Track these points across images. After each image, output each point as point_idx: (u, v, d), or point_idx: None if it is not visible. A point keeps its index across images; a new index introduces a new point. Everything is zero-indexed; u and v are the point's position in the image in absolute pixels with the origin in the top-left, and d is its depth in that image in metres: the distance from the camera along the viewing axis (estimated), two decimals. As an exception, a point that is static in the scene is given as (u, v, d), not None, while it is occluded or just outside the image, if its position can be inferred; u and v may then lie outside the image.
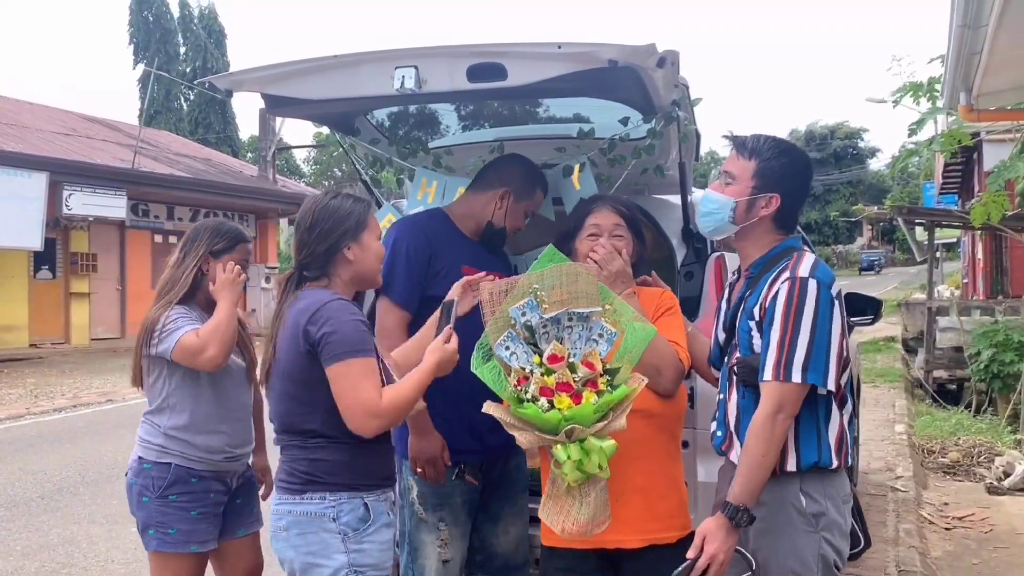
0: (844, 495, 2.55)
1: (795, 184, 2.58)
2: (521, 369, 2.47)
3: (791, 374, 2.36)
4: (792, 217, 2.62)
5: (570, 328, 2.49)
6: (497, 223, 3.31)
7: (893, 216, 15.54)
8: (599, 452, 2.42)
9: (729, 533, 2.36)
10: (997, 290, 17.87)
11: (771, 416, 2.37)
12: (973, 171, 20.48)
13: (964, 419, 9.90)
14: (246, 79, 3.26)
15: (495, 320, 2.54)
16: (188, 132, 36.61)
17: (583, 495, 2.49)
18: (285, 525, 2.56)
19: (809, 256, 2.51)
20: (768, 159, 2.55)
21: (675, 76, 3.02)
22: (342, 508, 2.53)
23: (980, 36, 4.65)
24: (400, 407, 2.50)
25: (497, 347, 2.50)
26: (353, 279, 2.67)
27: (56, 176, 17.83)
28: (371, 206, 2.72)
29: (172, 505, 3.25)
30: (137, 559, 5.60)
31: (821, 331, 2.38)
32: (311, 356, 2.49)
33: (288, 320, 2.56)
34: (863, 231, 65.77)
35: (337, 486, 2.54)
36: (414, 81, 2.91)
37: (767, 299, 2.45)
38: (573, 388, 2.43)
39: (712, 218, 2.61)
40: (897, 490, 6.91)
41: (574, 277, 2.54)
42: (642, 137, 3.46)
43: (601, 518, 2.51)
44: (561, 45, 2.76)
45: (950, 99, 6.02)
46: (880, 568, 5.14)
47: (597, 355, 2.48)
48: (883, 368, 14.42)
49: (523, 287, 2.53)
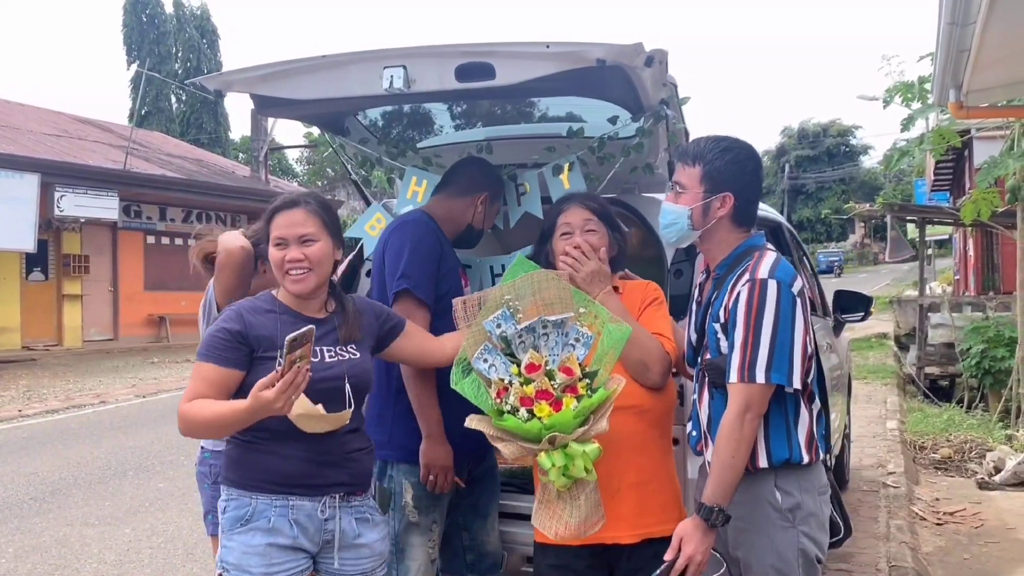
0: (820, 486, 2.57)
1: (744, 179, 2.60)
2: (500, 380, 2.49)
3: (755, 375, 2.39)
4: (749, 212, 2.64)
5: (546, 335, 2.51)
6: (476, 226, 3.37)
7: (885, 213, 15.59)
8: (583, 456, 2.44)
9: (705, 534, 2.39)
10: (988, 286, 17.94)
11: (739, 416, 2.40)
12: (964, 168, 20.55)
13: (956, 415, 9.95)
14: (235, 79, 3.26)
15: (471, 333, 2.56)
16: (180, 133, 36.53)
17: (573, 499, 2.52)
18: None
19: (770, 255, 2.53)
20: (712, 160, 2.58)
21: (663, 75, 3.03)
22: (229, 503, 2.56)
23: (968, 33, 4.67)
24: (188, 419, 2.44)
25: (475, 360, 2.52)
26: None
27: (48, 177, 17.77)
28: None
29: None
30: (129, 560, 5.60)
31: (783, 331, 2.40)
32: None
33: None
34: (855, 228, 65.86)
35: (228, 480, 2.58)
36: (403, 81, 2.92)
37: (729, 302, 2.48)
38: (553, 395, 2.45)
39: (673, 228, 2.64)
40: (889, 486, 6.93)
41: (546, 284, 2.56)
42: (631, 136, 3.46)
43: (594, 519, 2.53)
44: (549, 44, 2.76)
45: (940, 96, 6.04)
46: (871, 564, 5.16)
47: (575, 360, 2.50)
48: (875, 365, 14.46)
49: (496, 299, 2.56)
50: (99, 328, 20.77)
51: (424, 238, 3.14)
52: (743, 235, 2.63)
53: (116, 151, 21.61)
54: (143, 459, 8.30)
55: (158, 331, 21.56)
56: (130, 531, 6.12)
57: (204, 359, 2.48)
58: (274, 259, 2.57)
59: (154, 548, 5.87)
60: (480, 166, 3.48)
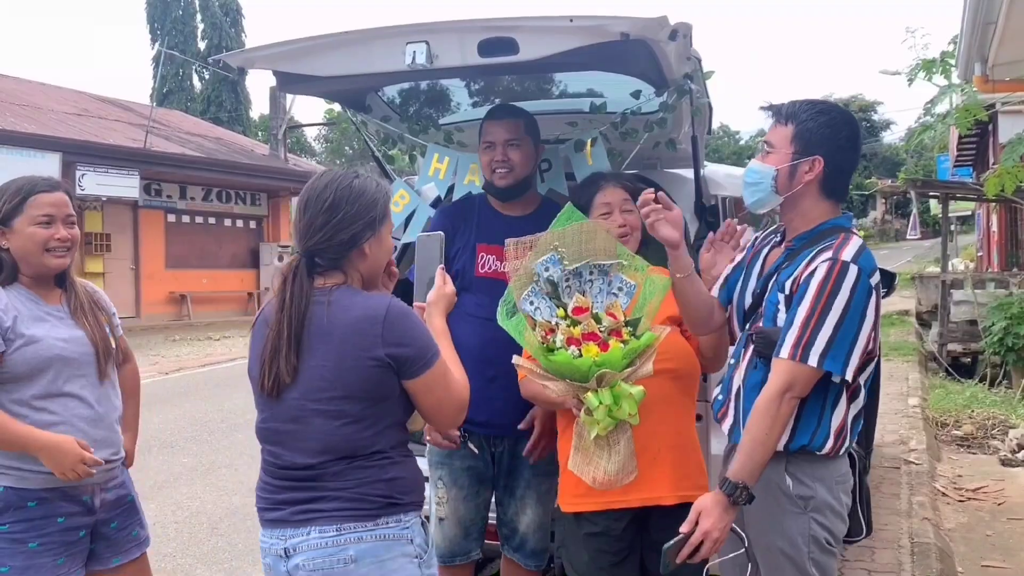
0: (838, 476, 2.48)
1: (837, 144, 2.45)
2: (547, 322, 2.52)
3: (808, 357, 2.30)
4: (840, 183, 2.50)
5: (591, 281, 2.55)
6: (488, 179, 3.35)
7: (907, 189, 15.44)
8: (629, 398, 2.46)
9: (726, 510, 2.31)
10: (1012, 262, 17.76)
11: (779, 394, 2.32)
12: (988, 143, 20.28)
13: (978, 392, 9.89)
14: (257, 57, 3.27)
15: (518, 276, 2.58)
16: (200, 112, 36.56)
17: (611, 445, 2.53)
18: (353, 556, 2.21)
19: (856, 240, 2.41)
20: (805, 121, 2.45)
21: (687, 49, 3.01)
22: (414, 529, 2.28)
23: (996, 5, 4.62)
24: (467, 380, 2.37)
25: (522, 302, 2.55)
26: (365, 275, 2.33)
27: (69, 156, 17.85)
28: (390, 193, 2.61)
29: (3, 537, 2.63)
30: (155, 534, 5.63)
31: (851, 319, 2.30)
32: (389, 371, 2.21)
33: (342, 329, 2.21)
34: (876, 205, 65.32)
35: (410, 505, 2.29)
36: (425, 56, 2.91)
37: (803, 275, 2.37)
38: (600, 337, 2.47)
39: (755, 189, 2.52)
40: (911, 463, 6.92)
41: (592, 234, 2.58)
42: (654, 111, 3.44)
43: (629, 468, 2.55)
44: (573, 19, 2.75)
45: (965, 70, 5.99)
46: (894, 540, 5.15)
47: (619, 307, 2.53)
48: (897, 342, 14.37)
49: (545, 243, 2.57)
50: (121, 306, 20.67)
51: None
52: (830, 210, 2.50)
53: (136, 130, 21.67)
54: (167, 435, 8.35)
55: (180, 309, 21.69)
56: (155, 506, 6.19)
57: (439, 350, 2.34)
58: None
59: (179, 522, 5.94)
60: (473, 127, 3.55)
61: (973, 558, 5.08)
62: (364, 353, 2.18)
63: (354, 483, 2.23)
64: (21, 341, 2.65)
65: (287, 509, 2.26)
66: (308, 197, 2.29)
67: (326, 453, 2.23)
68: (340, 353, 2.20)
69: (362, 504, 2.22)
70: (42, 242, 2.71)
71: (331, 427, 2.22)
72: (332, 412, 2.22)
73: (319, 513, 2.22)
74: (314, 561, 2.20)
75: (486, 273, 3.28)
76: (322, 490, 2.23)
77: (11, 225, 2.71)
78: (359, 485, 2.23)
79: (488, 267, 3.29)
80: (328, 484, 2.24)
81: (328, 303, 2.23)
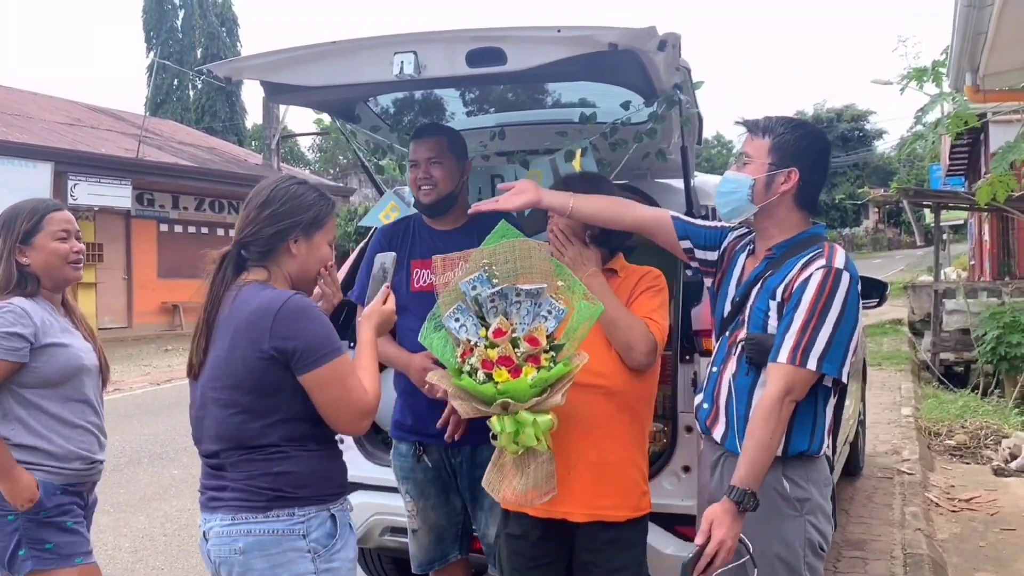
0: (825, 479, 2.57)
1: (811, 158, 2.57)
2: (467, 341, 2.53)
3: (807, 360, 2.38)
4: (812, 195, 2.61)
5: (518, 303, 2.53)
6: (416, 196, 3.40)
7: (899, 198, 15.47)
8: (533, 425, 2.47)
9: (735, 518, 2.35)
10: (1004, 272, 17.78)
11: (780, 398, 2.38)
12: (980, 153, 20.36)
13: (971, 401, 9.88)
14: (245, 66, 3.25)
15: (447, 292, 2.60)
16: (194, 121, 36.55)
17: (524, 466, 2.56)
18: (243, 547, 2.27)
19: (840, 248, 2.53)
20: (783, 134, 2.56)
21: (676, 59, 3.00)
22: (311, 523, 2.31)
23: (985, 16, 4.64)
24: (379, 393, 2.39)
25: (447, 319, 2.56)
26: (293, 276, 2.43)
27: (61, 166, 17.82)
28: (333, 208, 2.59)
29: (44, 521, 2.85)
30: (144, 547, 5.64)
31: (846, 324, 2.40)
32: (276, 364, 2.26)
33: (238, 320, 2.30)
34: (869, 214, 65.49)
35: (306, 500, 2.31)
36: (413, 67, 2.89)
37: (796, 282, 2.45)
38: (514, 363, 2.48)
39: (731, 198, 2.61)
40: (903, 473, 6.90)
41: (527, 252, 2.57)
42: (644, 121, 3.44)
43: (544, 489, 2.57)
44: (561, 29, 2.73)
45: (956, 80, 6.00)
46: (886, 551, 5.14)
47: (543, 331, 2.51)
48: (889, 351, 14.38)
49: (476, 260, 2.58)
50: (113, 316, 20.84)
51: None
52: (805, 219, 2.61)
53: (128, 139, 21.66)
54: (157, 447, 8.33)
55: (172, 319, 21.63)
56: (144, 518, 6.15)
57: (342, 351, 2.38)
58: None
59: (168, 535, 5.90)
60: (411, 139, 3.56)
61: (966, 569, 5.06)
62: (253, 345, 2.26)
63: (245, 475, 2.32)
64: (54, 348, 2.87)
65: (205, 495, 2.41)
66: (251, 194, 2.45)
67: (221, 441, 2.34)
68: (232, 344, 2.30)
69: (252, 496, 2.30)
70: (64, 256, 2.97)
71: (223, 415, 2.33)
72: (223, 401, 2.32)
73: (221, 502, 2.34)
74: (217, 548, 2.32)
75: (421, 287, 3.31)
76: (224, 479, 2.35)
77: (31, 243, 2.92)
78: (250, 477, 2.31)
79: (423, 281, 3.32)
80: (227, 474, 2.35)
81: (236, 296, 2.34)
